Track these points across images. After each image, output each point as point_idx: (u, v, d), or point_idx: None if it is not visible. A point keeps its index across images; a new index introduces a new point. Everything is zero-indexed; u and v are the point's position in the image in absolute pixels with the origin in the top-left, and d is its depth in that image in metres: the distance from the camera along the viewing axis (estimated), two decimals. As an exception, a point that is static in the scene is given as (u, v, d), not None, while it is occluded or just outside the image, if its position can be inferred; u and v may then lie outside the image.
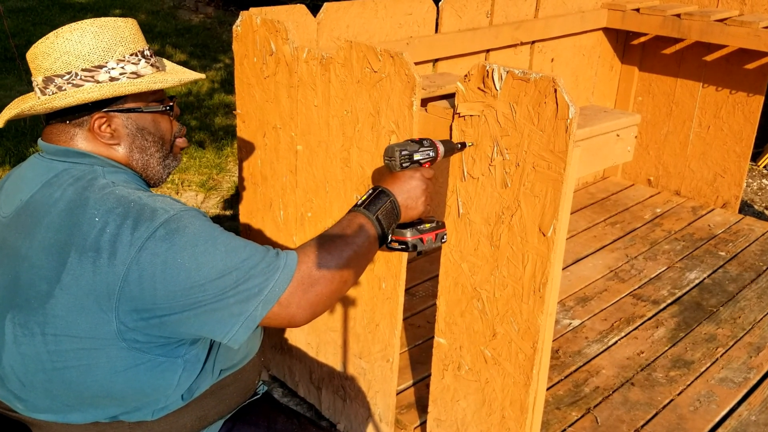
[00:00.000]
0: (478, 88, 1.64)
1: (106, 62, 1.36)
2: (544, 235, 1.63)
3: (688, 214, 3.79)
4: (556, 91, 1.50)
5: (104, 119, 1.38)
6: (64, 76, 1.35)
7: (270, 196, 2.40)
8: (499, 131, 1.64)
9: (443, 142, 1.65)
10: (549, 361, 1.84)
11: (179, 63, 7.26)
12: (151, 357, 1.28)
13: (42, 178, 1.34)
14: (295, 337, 2.50)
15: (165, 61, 1.55)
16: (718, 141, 3.72)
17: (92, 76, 1.35)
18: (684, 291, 3.09)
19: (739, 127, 3.62)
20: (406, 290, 3.00)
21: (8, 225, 1.34)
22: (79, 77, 1.35)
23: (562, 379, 2.53)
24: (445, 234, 1.65)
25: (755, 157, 5.21)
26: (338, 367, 2.33)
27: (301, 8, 2.43)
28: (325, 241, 1.37)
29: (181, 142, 1.54)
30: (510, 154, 1.64)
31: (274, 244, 2.44)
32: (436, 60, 3.02)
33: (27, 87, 6.26)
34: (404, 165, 1.55)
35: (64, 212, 1.26)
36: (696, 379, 2.53)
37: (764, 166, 5.16)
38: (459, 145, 1.69)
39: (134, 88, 1.37)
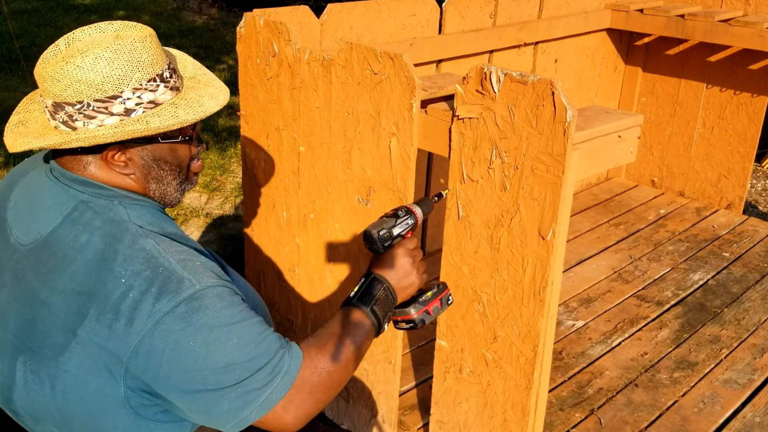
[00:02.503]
0: (477, 91, 1.64)
1: (121, 92, 1.26)
2: (543, 239, 1.63)
3: (692, 215, 3.78)
4: (554, 93, 1.50)
5: (118, 149, 1.31)
6: (75, 105, 1.25)
7: (273, 197, 2.40)
8: (498, 134, 1.64)
9: (419, 203, 1.60)
10: (550, 364, 1.84)
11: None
12: (157, 424, 1.27)
13: (62, 209, 1.29)
14: (297, 339, 2.50)
15: (186, 65, 1.46)
16: (722, 142, 3.71)
17: (105, 108, 1.25)
18: (688, 292, 3.08)
19: (743, 127, 3.61)
20: (409, 292, 2.99)
21: (26, 256, 1.29)
22: (91, 108, 1.25)
23: (565, 381, 2.53)
24: (450, 294, 1.60)
25: (759, 158, 5.19)
26: (340, 368, 2.33)
27: (305, 9, 2.43)
28: (327, 345, 1.34)
29: (196, 166, 1.45)
30: (509, 156, 1.63)
31: (277, 245, 2.45)
32: (440, 61, 3.02)
33: (32, 88, 6.28)
34: (386, 245, 1.50)
35: (90, 264, 1.22)
36: (700, 380, 2.53)
37: (769, 167, 5.14)
38: (435, 198, 1.64)
39: (147, 130, 1.27)
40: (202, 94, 1.38)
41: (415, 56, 2.78)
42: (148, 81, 1.28)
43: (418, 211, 1.56)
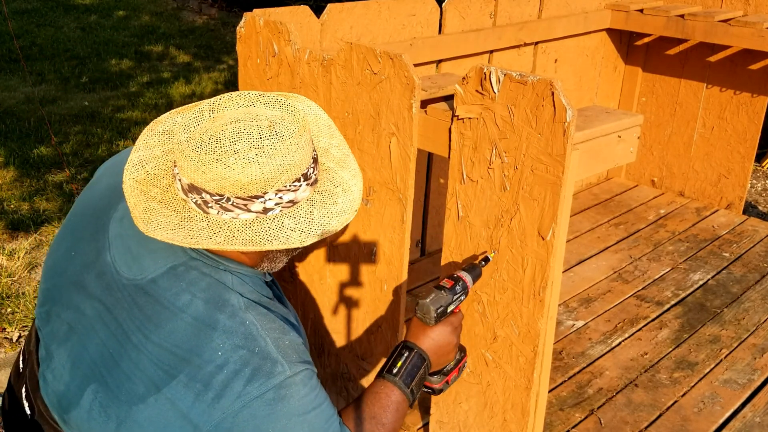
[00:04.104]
0: (476, 91, 1.64)
1: (265, 193, 1.20)
2: (543, 239, 1.63)
3: (692, 215, 3.78)
4: (553, 93, 1.50)
5: None
6: (215, 196, 1.20)
7: (272, 198, 2.39)
8: (498, 134, 1.64)
9: (470, 271, 1.61)
10: (550, 364, 1.84)
11: (183, 65, 7.28)
12: None
13: (168, 259, 1.26)
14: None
15: (321, 128, 1.41)
16: (722, 142, 3.71)
17: (245, 205, 1.20)
18: (688, 292, 3.08)
19: (743, 127, 3.61)
20: (408, 292, 2.99)
21: (121, 290, 1.28)
22: (230, 202, 1.20)
23: (565, 381, 2.52)
24: (467, 362, 1.66)
25: (759, 158, 5.19)
26: (341, 368, 2.33)
27: (305, 9, 2.42)
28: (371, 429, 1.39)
29: None
30: (509, 157, 1.63)
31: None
32: (440, 61, 3.01)
33: (31, 88, 6.27)
34: (438, 320, 1.52)
35: (189, 327, 1.21)
36: (700, 380, 2.53)
37: (769, 166, 5.14)
38: (483, 263, 1.67)
39: (283, 244, 1.22)
40: (337, 182, 1.33)
41: (415, 56, 2.78)
42: (293, 182, 1.23)
43: (469, 282, 1.59)
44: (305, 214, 1.25)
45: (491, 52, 3.16)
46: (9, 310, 3.25)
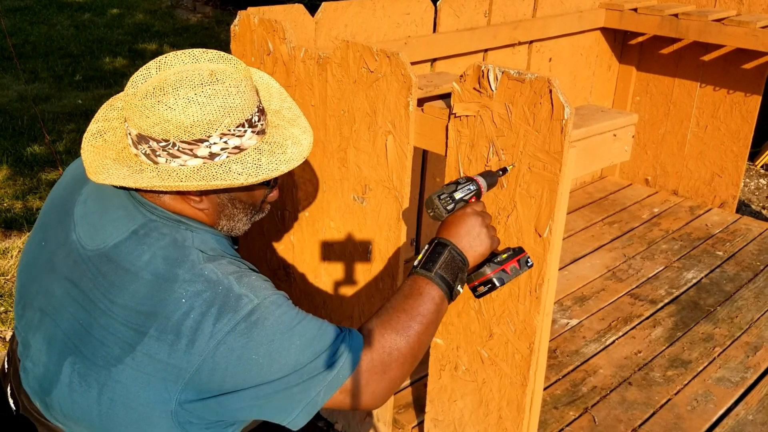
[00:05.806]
0: (474, 89, 1.64)
1: (209, 136, 1.24)
2: (540, 236, 1.63)
3: (686, 214, 3.80)
4: (551, 91, 1.50)
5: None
6: (161, 142, 1.23)
7: (267, 196, 2.39)
8: (495, 132, 1.64)
9: (483, 174, 1.59)
10: (546, 362, 1.84)
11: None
12: None
13: (129, 225, 1.29)
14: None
15: (272, 93, 1.46)
16: (715, 141, 3.73)
17: (191, 150, 1.24)
18: (681, 290, 3.09)
19: (736, 126, 3.63)
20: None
21: (86, 262, 1.30)
22: (176, 147, 1.23)
23: (559, 379, 2.53)
24: (528, 257, 1.59)
25: (752, 156, 5.21)
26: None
27: (299, 8, 2.42)
28: (392, 320, 1.34)
29: (270, 197, 1.44)
30: (506, 154, 1.64)
31: (272, 243, 2.45)
32: (434, 60, 3.02)
33: (25, 86, 6.25)
34: (449, 208, 1.49)
35: (151, 283, 1.23)
36: (693, 378, 2.54)
37: (761, 166, 5.16)
38: (500, 172, 1.62)
39: (230, 185, 1.26)
40: (286, 136, 1.37)
41: (409, 55, 2.78)
42: (237, 126, 1.26)
43: (480, 179, 1.56)
44: (253, 161, 1.28)
45: (486, 51, 3.17)
46: (2, 309, 3.24)
